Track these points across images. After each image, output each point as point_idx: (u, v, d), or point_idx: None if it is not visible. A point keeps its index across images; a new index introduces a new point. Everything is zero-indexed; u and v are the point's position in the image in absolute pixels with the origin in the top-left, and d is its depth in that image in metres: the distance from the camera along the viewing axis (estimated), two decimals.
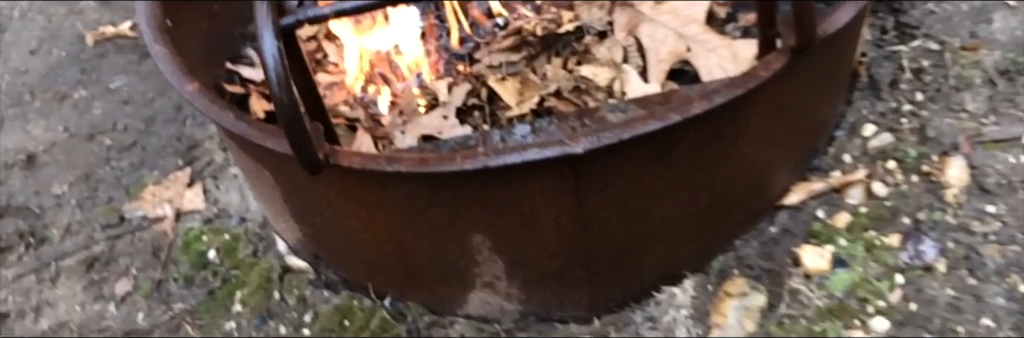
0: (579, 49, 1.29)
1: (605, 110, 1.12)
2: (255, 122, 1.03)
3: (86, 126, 1.56)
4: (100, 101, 1.59)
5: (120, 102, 1.58)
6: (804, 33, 0.92)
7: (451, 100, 1.27)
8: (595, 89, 1.26)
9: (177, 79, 1.09)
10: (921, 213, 1.16)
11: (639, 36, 1.30)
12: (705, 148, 1.03)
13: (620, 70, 1.27)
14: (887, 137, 1.23)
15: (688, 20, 1.30)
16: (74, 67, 1.65)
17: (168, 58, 1.11)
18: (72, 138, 1.55)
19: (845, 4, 1.02)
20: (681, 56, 1.29)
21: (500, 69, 1.29)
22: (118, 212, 1.42)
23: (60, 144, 1.54)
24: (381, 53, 1.41)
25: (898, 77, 1.28)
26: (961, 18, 1.31)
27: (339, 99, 1.38)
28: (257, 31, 0.87)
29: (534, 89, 1.27)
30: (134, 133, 1.53)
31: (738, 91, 0.96)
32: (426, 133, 1.26)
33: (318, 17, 0.93)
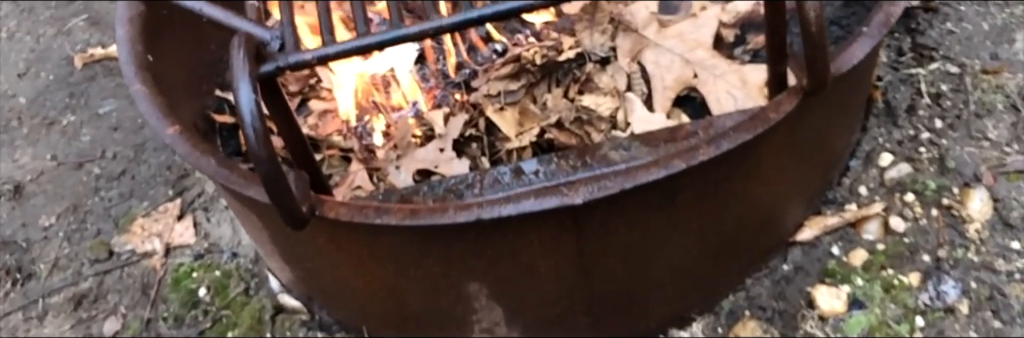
0: (581, 76, 1.23)
1: (607, 148, 1.07)
2: (238, 169, 0.98)
3: (74, 154, 1.51)
4: (89, 127, 1.54)
5: (109, 128, 1.53)
6: (817, 76, 0.86)
7: (448, 132, 1.22)
8: (598, 119, 1.20)
9: (158, 121, 1.04)
10: (942, 250, 1.11)
11: (643, 62, 1.24)
12: (712, 192, 0.98)
13: (624, 99, 1.22)
14: (905, 168, 1.17)
15: (694, 45, 1.24)
16: (63, 91, 1.60)
17: (148, 98, 1.06)
18: (60, 166, 1.50)
19: (860, 38, 0.96)
20: (688, 83, 1.23)
21: (498, 98, 1.24)
22: (107, 246, 1.38)
23: (48, 173, 1.50)
24: (376, 77, 1.36)
25: (916, 102, 1.21)
26: (981, 38, 1.25)
27: (333, 128, 1.33)
28: (233, 81, 0.81)
29: (534, 120, 1.21)
30: (123, 161, 1.48)
31: (747, 136, 0.90)
32: (422, 167, 1.21)
33: (300, 64, 0.88)
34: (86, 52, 1.64)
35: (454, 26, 0.88)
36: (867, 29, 0.97)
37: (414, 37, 0.88)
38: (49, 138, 1.55)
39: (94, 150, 1.51)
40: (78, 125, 1.55)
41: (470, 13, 0.87)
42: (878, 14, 0.98)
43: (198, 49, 1.37)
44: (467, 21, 0.88)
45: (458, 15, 0.87)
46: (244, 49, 0.83)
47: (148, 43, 1.16)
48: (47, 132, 1.55)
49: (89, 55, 1.63)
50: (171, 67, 1.24)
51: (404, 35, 0.87)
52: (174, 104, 1.16)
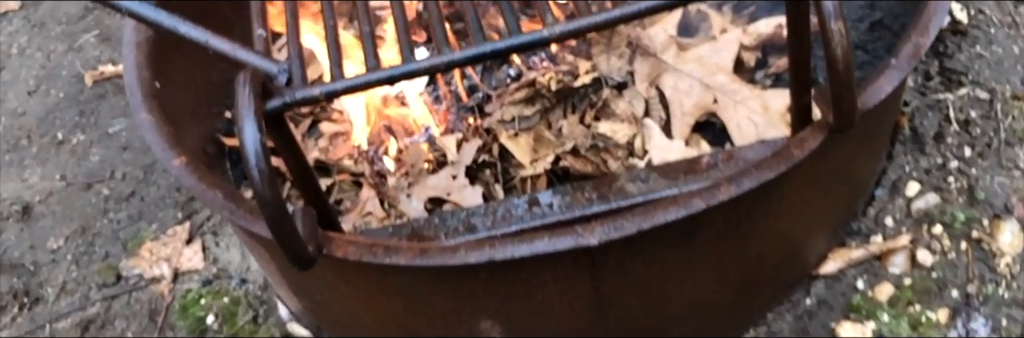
0: (597, 102, 1.20)
1: (625, 179, 1.03)
2: (245, 204, 0.95)
3: (84, 174, 1.49)
4: (98, 147, 1.52)
5: (119, 148, 1.51)
6: (844, 115, 0.83)
7: (460, 159, 1.19)
8: (614, 146, 1.17)
9: (164, 152, 1.01)
10: (971, 285, 1.07)
11: (662, 87, 1.21)
12: (733, 229, 0.94)
13: (641, 125, 1.18)
14: (932, 198, 1.13)
15: (714, 69, 1.21)
16: (72, 109, 1.59)
17: (154, 128, 1.04)
18: (69, 187, 1.48)
19: (887, 71, 0.93)
20: (707, 108, 1.20)
21: (512, 124, 1.21)
22: (115, 270, 1.36)
23: (57, 194, 1.48)
24: (389, 98, 1.33)
25: (944, 129, 1.18)
26: (1012, 63, 1.21)
27: (343, 153, 1.30)
28: (237, 119, 0.79)
29: (549, 147, 1.18)
30: (133, 182, 1.46)
31: (769, 175, 0.87)
32: (434, 195, 1.18)
33: (307, 100, 0.85)
34: (96, 70, 1.62)
35: (467, 60, 0.85)
36: (896, 61, 0.93)
37: (425, 72, 0.85)
38: (58, 157, 1.53)
39: (103, 170, 1.49)
40: (87, 144, 1.53)
41: (483, 47, 0.84)
42: (907, 45, 0.94)
43: (208, 70, 1.34)
44: (480, 55, 0.85)
45: (471, 49, 0.84)
46: (250, 86, 0.80)
47: (156, 68, 1.14)
48: (56, 151, 1.54)
49: (99, 73, 1.61)
50: (180, 90, 1.22)
51: (415, 70, 0.84)
52: (182, 131, 1.14)
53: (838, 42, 0.79)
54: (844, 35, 0.79)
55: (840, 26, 0.79)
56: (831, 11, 0.78)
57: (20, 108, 1.62)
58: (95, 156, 1.51)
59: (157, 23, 0.90)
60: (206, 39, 0.90)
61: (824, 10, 0.78)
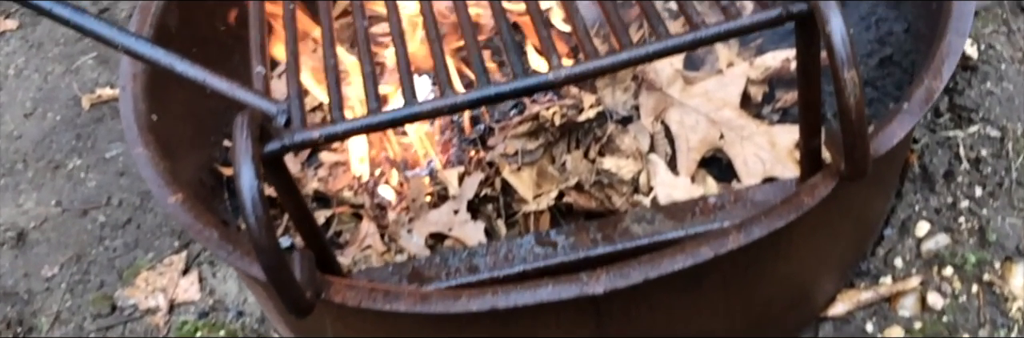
0: (602, 136, 1.18)
1: (630, 220, 1.01)
2: (242, 245, 0.93)
3: (80, 200, 1.47)
4: (95, 172, 1.50)
5: (116, 173, 1.49)
6: (856, 165, 0.81)
7: (462, 193, 1.17)
8: (619, 182, 1.15)
9: (159, 189, 1.00)
10: (982, 330, 1.05)
11: (667, 122, 1.19)
12: (741, 275, 0.92)
13: (647, 160, 1.16)
14: (943, 239, 1.11)
15: (721, 104, 1.19)
16: (69, 133, 1.57)
17: (150, 164, 1.02)
18: (65, 213, 1.46)
19: (899, 116, 0.91)
20: (714, 144, 1.18)
21: (515, 158, 1.19)
22: (110, 300, 1.34)
23: (52, 220, 1.46)
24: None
25: (954, 168, 1.16)
26: (1023, 100, 1.19)
27: (343, 183, 1.28)
28: (234, 165, 0.77)
29: (552, 182, 1.16)
30: (129, 209, 1.44)
31: (779, 223, 0.85)
32: (435, 231, 1.16)
33: (306, 143, 0.83)
34: (94, 93, 1.61)
35: (470, 104, 0.83)
36: (908, 106, 0.91)
37: (427, 115, 0.83)
38: (54, 182, 1.51)
39: (100, 196, 1.47)
40: (84, 169, 1.51)
41: (487, 90, 0.83)
42: (918, 89, 0.92)
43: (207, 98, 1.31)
44: (484, 98, 0.83)
45: (474, 92, 0.83)
46: (248, 130, 0.78)
47: (153, 99, 1.12)
48: (52, 176, 1.52)
49: (97, 96, 1.60)
50: (178, 120, 1.20)
51: (417, 113, 0.83)
52: (179, 163, 1.13)
53: (851, 91, 0.78)
54: (857, 84, 0.78)
55: (853, 75, 0.77)
56: (844, 59, 0.76)
57: (16, 131, 1.60)
58: (92, 182, 1.49)
59: (154, 61, 0.88)
60: (204, 78, 0.88)
61: (837, 58, 0.77)
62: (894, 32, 1.18)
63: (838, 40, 0.77)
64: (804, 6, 0.82)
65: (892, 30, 1.19)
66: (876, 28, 1.22)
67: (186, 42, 1.27)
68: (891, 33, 1.19)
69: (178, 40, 1.24)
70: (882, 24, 1.21)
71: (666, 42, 0.83)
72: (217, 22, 1.34)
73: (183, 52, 1.26)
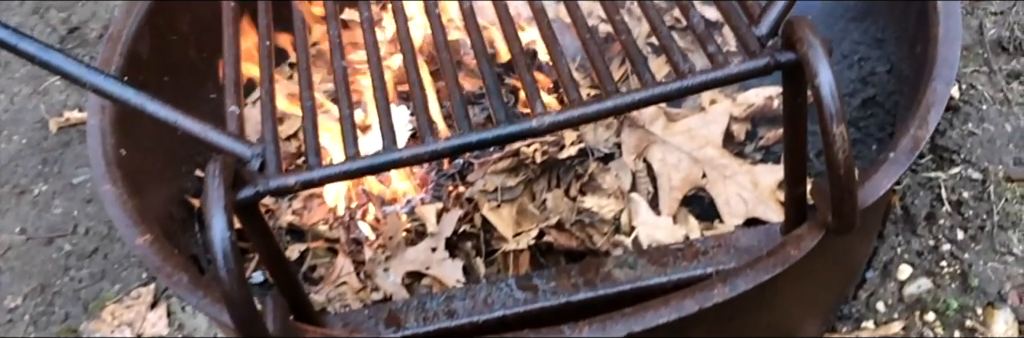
0: (583, 174, 1.16)
1: (612, 265, 0.99)
2: (211, 293, 0.90)
3: (45, 228, 1.43)
4: (61, 198, 1.46)
5: (83, 200, 1.45)
6: (844, 219, 0.79)
7: (440, 231, 1.15)
8: (600, 222, 1.13)
9: (127, 230, 0.97)
10: None
11: (650, 160, 1.18)
12: (726, 326, 0.90)
13: (628, 199, 1.15)
14: (925, 283, 1.10)
15: (704, 142, 1.18)
16: (35, 157, 1.53)
17: (118, 202, 0.99)
18: (29, 241, 1.42)
19: (885, 166, 0.90)
20: (696, 183, 1.16)
21: (495, 194, 1.17)
22: (75, 333, 1.30)
23: (16, 248, 1.42)
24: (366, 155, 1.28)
25: (936, 210, 1.15)
26: (1004, 141, 1.19)
27: (318, 217, 1.25)
28: (206, 213, 0.74)
29: (533, 220, 1.14)
30: (96, 238, 1.40)
31: (765, 276, 0.83)
32: (412, 269, 1.14)
33: (281, 189, 0.81)
34: (62, 116, 1.57)
35: (451, 151, 0.81)
36: (893, 155, 0.90)
37: (407, 162, 0.81)
38: (19, 209, 1.46)
39: (66, 224, 1.43)
40: (50, 195, 1.47)
41: (469, 137, 0.81)
42: (904, 138, 0.91)
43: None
44: (466, 145, 0.81)
45: (456, 138, 0.81)
46: (220, 178, 0.76)
47: (122, 132, 1.09)
48: (17, 202, 1.47)
49: (65, 119, 1.56)
50: (148, 152, 1.17)
51: (396, 160, 0.80)
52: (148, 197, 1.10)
53: (840, 146, 0.76)
54: (846, 140, 0.76)
55: (842, 131, 0.76)
56: (834, 114, 0.75)
57: None
58: (58, 208, 1.45)
59: (123, 101, 0.85)
60: (176, 119, 0.85)
61: (826, 113, 0.75)
62: (877, 72, 1.18)
63: (827, 94, 0.75)
64: (792, 56, 0.81)
65: (875, 70, 1.18)
66: (859, 67, 1.21)
67: (158, 70, 1.24)
68: (874, 73, 1.18)
69: (149, 68, 1.21)
70: (864, 63, 1.21)
71: (652, 91, 0.81)
72: (190, 49, 1.31)
73: (155, 81, 1.25)
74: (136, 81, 1.17)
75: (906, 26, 1.14)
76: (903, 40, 1.15)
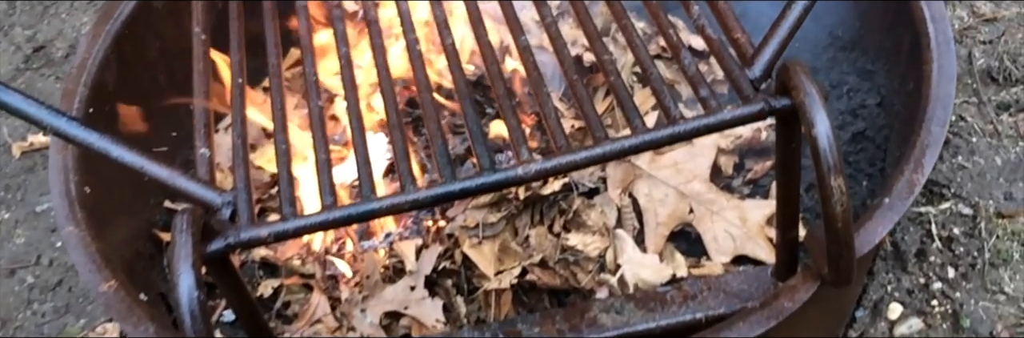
0: (567, 209, 1.13)
1: (598, 309, 0.96)
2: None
3: (7, 258, 1.38)
4: (24, 227, 1.41)
5: (46, 229, 1.40)
6: (840, 273, 0.77)
7: (419, 269, 1.11)
8: (585, 260, 1.10)
9: (90, 275, 0.92)
10: None
11: (635, 194, 1.15)
12: None
13: (613, 236, 1.11)
14: (916, 323, 1.08)
15: (691, 176, 1.15)
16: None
17: (81, 246, 0.94)
18: None
19: (880, 211, 0.87)
20: (683, 219, 1.13)
21: (476, 230, 1.13)
22: None
23: None
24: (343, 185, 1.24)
25: (926, 246, 1.13)
26: (995, 175, 1.17)
27: (293, 251, 1.21)
28: (172, 270, 0.70)
29: (515, 258, 1.11)
30: (60, 270, 1.35)
31: (759, 330, 0.80)
32: (390, 309, 1.10)
33: (253, 241, 0.76)
34: (25, 140, 1.51)
35: (433, 200, 0.77)
36: (888, 201, 0.88)
37: (386, 212, 0.77)
38: None
39: (28, 255, 1.38)
40: (12, 224, 1.42)
41: (452, 186, 0.77)
42: (899, 182, 0.89)
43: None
44: (448, 195, 0.77)
45: (439, 187, 0.77)
46: (188, 233, 0.71)
47: (85, 169, 1.04)
48: None
49: (28, 144, 1.50)
50: (114, 186, 1.12)
51: (374, 211, 0.76)
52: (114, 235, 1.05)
53: (837, 199, 0.73)
54: (844, 192, 0.74)
55: (840, 183, 0.73)
56: (831, 166, 0.72)
57: None
58: (20, 238, 1.40)
59: (86, 145, 0.80)
60: (142, 165, 0.80)
61: (823, 164, 0.72)
62: (867, 105, 1.16)
63: (825, 146, 0.72)
64: (787, 102, 0.78)
65: (865, 103, 1.16)
66: (847, 98, 1.19)
67: (125, 99, 1.19)
68: (863, 106, 1.16)
69: (116, 97, 1.16)
70: (854, 95, 1.18)
71: (643, 137, 0.78)
72: (159, 75, 1.26)
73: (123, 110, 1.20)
74: (102, 113, 1.13)
75: (897, 59, 1.12)
76: (894, 73, 1.12)
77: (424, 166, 1.22)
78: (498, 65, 0.87)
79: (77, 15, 1.68)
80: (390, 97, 0.85)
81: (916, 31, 1.02)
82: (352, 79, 0.87)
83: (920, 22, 1.03)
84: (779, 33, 0.82)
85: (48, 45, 1.65)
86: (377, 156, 1.27)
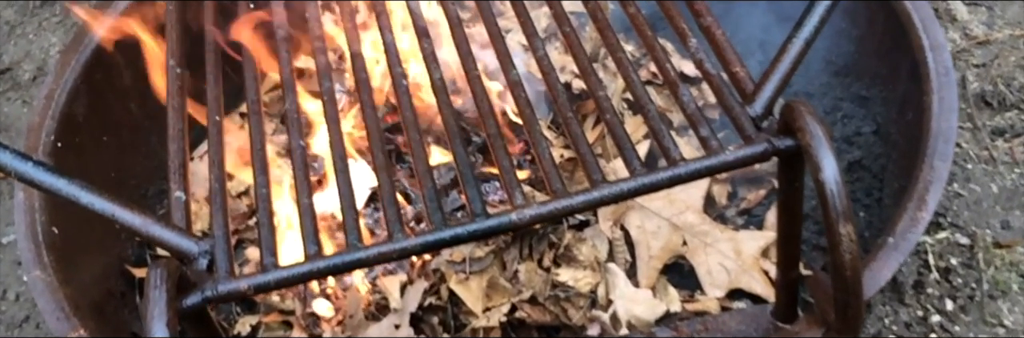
0: (557, 243, 1.09)
1: None
2: None
3: None
4: None
5: (12, 262, 1.34)
6: (848, 324, 0.73)
7: (404, 306, 1.07)
8: (576, 296, 1.06)
9: (58, 323, 0.87)
10: None
11: (627, 227, 1.11)
12: None
13: (605, 270, 1.08)
14: None
15: (683, 207, 1.12)
16: None
17: (48, 292, 0.89)
18: None
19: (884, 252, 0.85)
20: (676, 251, 1.10)
21: (463, 265, 1.09)
22: None
23: None
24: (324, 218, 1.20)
25: (924, 277, 1.10)
26: (991, 203, 1.15)
27: None
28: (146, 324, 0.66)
29: (504, 294, 1.07)
30: (27, 305, 1.29)
31: None
32: None
33: (232, 295, 0.72)
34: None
35: (423, 248, 0.74)
36: (892, 240, 0.85)
37: (373, 262, 0.73)
38: None
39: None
40: None
41: (442, 233, 0.73)
42: (902, 221, 0.86)
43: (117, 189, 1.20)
44: (439, 242, 0.74)
45: (429, 235, 0.73)
46: (164, 288, 0.67)
47: (53, 208, 0.99)
48: None
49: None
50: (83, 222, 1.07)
51: (360, 260, 0.73)
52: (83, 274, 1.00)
53: (846, 247, 0.70)
54: (853, 240, 0.71)
55: (849, 230, 0.70)
56: (840, 212, 0.69)
57: None
58: None
59: (54, 191, 0.76)
60: (112, 212, 0.76)
61: (832, 211, 0.69)
62: (862, 133, 1.13)
63: (834, 190, 0.69)
64: (791, 142, 0.75)
65: (860, 130, 1.13)
66: (842, 125, 1.16)
67: (95, 130, 1.14)
68: (859, 133, 1.13)
69: (87, 129, 1.11)
70: (848, 122, 1.16)
71: (641, 181, 0.75)
72: (131, 103, 1.21)
73: (93, 142, 1.15)
74: (71, 145, 1.08)
75: (894, 86, 1.09)
76: (891, 101, 1.10)
77: (407, 196, 1.19)
78: (488, 101, 0.83)
79: (45, 35, 1.63)
80: (377, 137, 0.81)
81: (914, 59, 1.00)
82: (336, 117, 0.84)
83: (918, 50, 1.01)
84: (780, 69, 0.79)
85: (15, 67, 1.59)
86: (358, 184, 1.23)
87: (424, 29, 0.90)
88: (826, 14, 0.80)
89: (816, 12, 0.80)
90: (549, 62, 0.85)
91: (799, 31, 0.79)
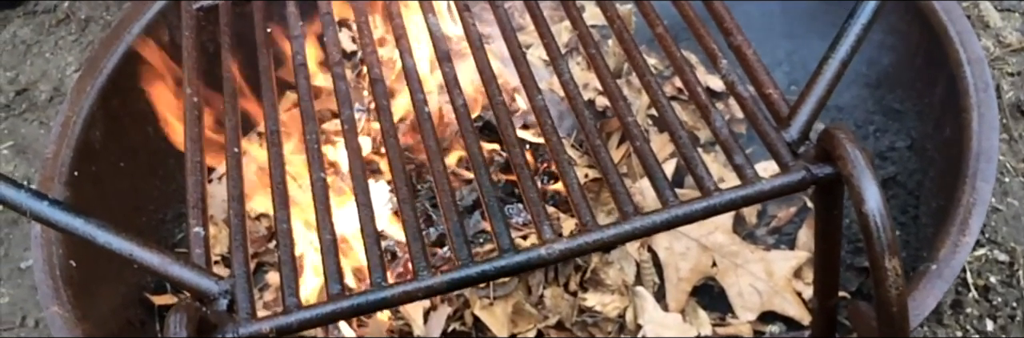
0: (583, 266, 1.07)
1: None
2: None
3: None
4: (8, 286, 1.34)
5: (32, 287, 1.32)
6: None
7: (428, 332, 1.05)
8: (604, 320, 1.04)
9: None
10: None
11: (655, 248, 1.08)
12: None
13: (633, 293, 1.05)
14: None
15: (713, 227, 1.09)
16: None
17: (66, 327, 0.87)
18: None
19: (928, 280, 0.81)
20: (706, 273, 1.07)
21: (487, 290, 1.07)
22: None
23: None
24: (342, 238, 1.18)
25: (962, 296, 1.07)
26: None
27: None
28: None
29: (530, 320, 1.04)
30: (46, 331, 1.28)
31: None
32: None
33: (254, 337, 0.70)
34: None
35: (449, 287, 0.71)
36: (936, 267, 0.82)
37: (398, 302, 0.71)
38: None
39: (13, 315, 1.30)
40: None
41: (469, 270, 0.71)
42: (945, 247, 0.83)
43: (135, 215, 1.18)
44: (466, 280, 0.71)
45: (455, 272, 0.71)
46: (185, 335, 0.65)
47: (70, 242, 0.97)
48: None
49: None
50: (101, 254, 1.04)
51: (385, 300, 0.70)
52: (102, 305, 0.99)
53: (892, 282, 0.67)
54: (899, 275, 0.67)
55: (895, 265, 0.67)
56: (886, 246, 0.66)
57: None
58: (4, 297, 1.33)
59: (70, 231, 0.74)
60: (131, 251, 0.74)
61: (876, 245, 0.66)
62: (896, 148, 1.10)
63: (878, 222, 0.66)
64: (830, 170, 0.72)
65: (894, 145, 1.10)
66: (875, 140, 1.13)
67: (112, 156, 1.13)
68: (893, 148, 1.10)
69: (104, 156, 1.10)
70: (881, 136, 1.13)
71: (675, 212, 0.72)
72: (147, 127, 1.19)
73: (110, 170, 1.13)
74: (88, 174, 1.07)
75: (929, 101, 1.06)
76: (926, 115, 1.07)
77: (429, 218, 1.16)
78: (513, 130, 0.81)
79: (61, 55, 1.61)
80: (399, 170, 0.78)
81: (952, 74, 0.97)
82: (357, 147, 0.81)
83: (955, 64, 0.97)
84: (815, 91, 0.76)
85: (31, 87, 1.58)
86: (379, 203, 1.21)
87: (446, 53, 0.87)
88: (863, 33, 0.76)
89: (852, 30, 0.76)
90: (574, 85, 0.82)
91: (835, 51, 0.76)
